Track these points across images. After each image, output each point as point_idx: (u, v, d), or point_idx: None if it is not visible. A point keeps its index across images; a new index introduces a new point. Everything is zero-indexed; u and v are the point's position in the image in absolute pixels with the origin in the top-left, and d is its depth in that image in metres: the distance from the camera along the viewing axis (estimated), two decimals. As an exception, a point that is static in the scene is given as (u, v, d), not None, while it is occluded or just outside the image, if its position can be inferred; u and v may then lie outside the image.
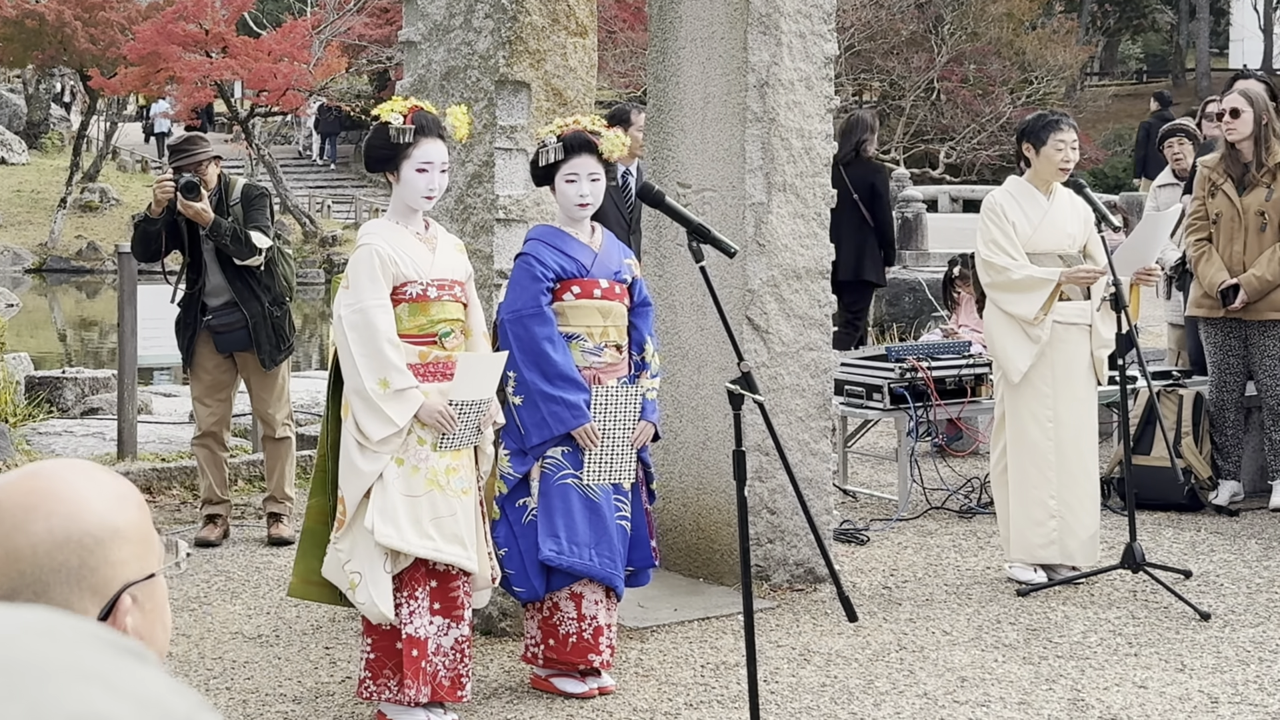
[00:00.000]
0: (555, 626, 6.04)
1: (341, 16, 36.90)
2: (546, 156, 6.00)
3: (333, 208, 40.95)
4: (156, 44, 32.77)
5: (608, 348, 6.07)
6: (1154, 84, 50.85)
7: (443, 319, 5.72)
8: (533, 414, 5.92)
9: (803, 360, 7.39)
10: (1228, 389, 8.99)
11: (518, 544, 5.97)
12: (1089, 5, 49.46)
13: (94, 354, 23.17)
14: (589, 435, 5.94)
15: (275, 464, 8.65)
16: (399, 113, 5.69)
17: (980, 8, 37.67)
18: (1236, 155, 8.75)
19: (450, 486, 5.61)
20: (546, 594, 6.00)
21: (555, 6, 6.81)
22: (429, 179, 5.67)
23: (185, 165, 8.24)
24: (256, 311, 8.32)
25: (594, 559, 5.95)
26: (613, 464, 6.03)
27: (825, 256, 7.50)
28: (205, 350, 8.41)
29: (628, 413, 6.05)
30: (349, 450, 5.58)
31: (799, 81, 7.39)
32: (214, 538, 8.44)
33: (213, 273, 8.34)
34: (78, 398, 12.10)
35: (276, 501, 8.63)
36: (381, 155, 5.72)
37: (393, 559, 5.56)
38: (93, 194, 38.58)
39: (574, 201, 6.01)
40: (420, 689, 5.57)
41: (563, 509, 5.96)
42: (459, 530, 5.61)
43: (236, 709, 5.92)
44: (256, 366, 8.43)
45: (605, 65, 31.91)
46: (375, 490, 5.53)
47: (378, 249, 5.62)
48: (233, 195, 8.39)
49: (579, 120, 6.10)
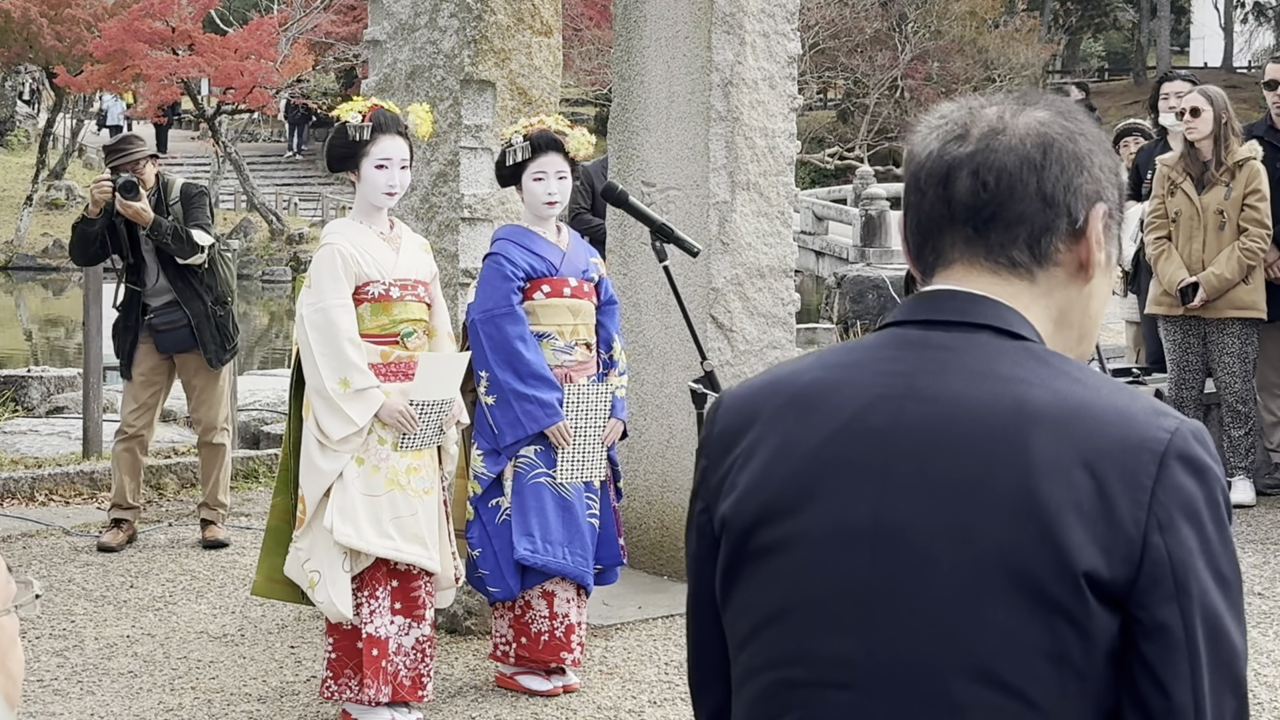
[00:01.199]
0: (528, 625, 6.06)
1: (308, 14, 36.82)
2: (514, 156, 6.01)
3: (299, 205, 40.86)
4: (123, 41, 32.64)
5: (578, 346, 6.10)
6: (1116, 82, 51.10)
7: (405, 319, 5.73)
8: (506, 413, 5.93)
9: (766, 359, 7.43)
10: (1187, 386, 9.07)
11: (492, 544, 5.98)
12: (1051, 4, 49.64)
13: (60, 352, 23.09)
14: (562, 434, 5.96)
15: (211, 470, 8.50)
16: (358, 112, 5.71)
17: (944, 6, 37.84)
18: (1196, 154, 8.82)
19: (411, 486, 5.63)
20: (521, 590, 6.03)
21: (520, 5, 6.83)
22: (388, 175, 5.68)
23: (122, 165, 8.14)
24: (200, 311, 8.21)
25: (568, 557, 5.98)
26: (585, 462, 6.06)
27: (789, 255, 7.55)
28: (145, 350, 8.28)
29: (599, 410, 6.08)
30: (309, 449, 5.59)
31: (763, 80, 7.43)
32: (116, 543, 8.23)
33: (154, 273, 8.23)
34: (43, 396, 12.09)
35: (210, 508, 8.47)
36: (341, 154, 5.74)
37: (353, 558, 5.58)
38: (59, 192, 38.44)
39: (542, 200, 6.03)
40: (380, 689, 5.58)
41: (536, 508, 5.98)
42: (420, 530, 5.62)
43: (201, 708, 5.93)
44: (199, 367, 8.30)
45: (570, 64, 31.92)
46: (335, 489, 5.54)
47: (340, 249, 5.64)
48: (172, 194, 8.27)
49: (544, 120, 6.12)
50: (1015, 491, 1.68)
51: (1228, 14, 51.45)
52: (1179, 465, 1.67)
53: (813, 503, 1.81)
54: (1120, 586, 1.66)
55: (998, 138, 1.83)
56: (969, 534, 1.69)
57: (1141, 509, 1.66)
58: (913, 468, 1.75)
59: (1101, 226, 1.83)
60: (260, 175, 42.27)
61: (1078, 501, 1.67)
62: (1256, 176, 8.71)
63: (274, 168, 46.80)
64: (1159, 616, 1.65)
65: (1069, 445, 1.68)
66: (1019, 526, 1.67)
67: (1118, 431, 1.69)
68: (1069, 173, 1.82)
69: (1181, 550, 1.66)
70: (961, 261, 1.85)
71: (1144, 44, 51.67)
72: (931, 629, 1.70)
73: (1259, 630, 6.66)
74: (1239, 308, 8.79)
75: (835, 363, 1.88)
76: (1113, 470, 1.67)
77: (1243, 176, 8.71)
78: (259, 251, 36.03)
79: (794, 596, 1.80)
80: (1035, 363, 1.77)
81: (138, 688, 6.17)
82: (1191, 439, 1.69)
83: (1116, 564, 1.65)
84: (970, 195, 1.83)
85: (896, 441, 1.77)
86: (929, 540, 1.72)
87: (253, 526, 8.70)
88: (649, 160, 7.64)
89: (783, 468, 1.84)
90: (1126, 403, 1.73)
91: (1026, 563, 1.66)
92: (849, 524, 1.77)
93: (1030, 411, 1.71)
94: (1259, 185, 8.70)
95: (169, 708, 5.95)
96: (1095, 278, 1.84)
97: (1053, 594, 1.65)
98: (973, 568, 1.69)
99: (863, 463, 1.78)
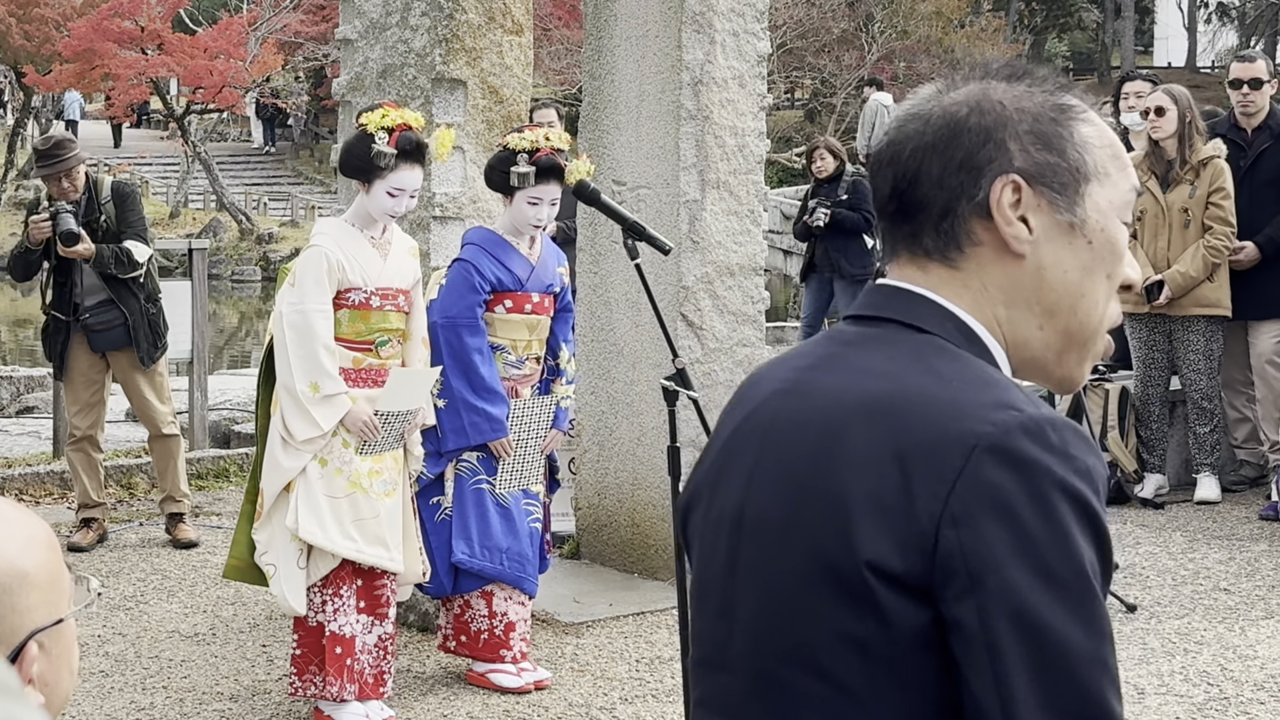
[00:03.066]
0: (467, 624, 6.14)
1: (278, 13, 36.74)
2: (518, 180, 5.95)
3: (269, 205, 40.74)
4: (92, 40, 32.53)
5: (529, 360, 6.18)
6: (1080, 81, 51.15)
7: (382, 328, 5.75)
8: (453, 420, 5.98)
9: (736, 356, 7.46)
10: (1153, 383, 9.13)
11: (429, 541, 6.04)
12: (1016, 4, 49.77)
13: (29, 352, 22.99)
14: (503, 448, 6.04)
15: (166, 462, 8.49)
16: (385, 129, 5.61)
17: (910, 6, 37.95)
18: (1160, 153, 8.88)
19: (373, 489, 5.67)
20: (456, 593, 6.08)
21: (491, 4, 6.85)
22: (397, 203, 5.67)
23: (52, 174, 8.11)
24: (135, 309, 8.22)
25: (505, 563, 6.05)
26: (524, 472, 6.17)
27: (759, 253, 7.58)
28: (78, 351, 8.28)
29: (541, 423, 6.21)
30: (273, 444, 5.63)
31: (732, 79, 7.47)
32: (87, 543, 8.28)
33: (86, 274, 8.21)
34: (13, 396, 12.06)
35: (174, 501, 8.46)
36: (358, 166, 5.68)
37: (318, 559, 5.61)
38: (28, 192, 38.24)
39: (530, 221, 6.03)
40: (345, 686, 5.61)
41: (477, 513, 6.05)
42: (381, 532, 5.67)
43: (173, 707, 5.94)
44: (133, 365, 8.30)
45: (541, 63, 31.91)
46: (300, 487, 5.58)
47: (327, 252, 5.63)
48: (102, 194, 8.26)
49: (549, 138, 6.00)
50: (828, 484, 1.70)
51: (1191, 14, 51.68)
52: (991, 459, 1.63)
53: (713, 493, 1.88)
54: (917, 579, 1.64)
55: (910, 124, 1.83)
56: (797, 526, 1.73)
57: (938, 502, 1.63)
58: (772, 460, 1.79)
59: (1009, 198, 1.77)
60: (229, 175, 42.13)
61: (880, 494, 1.66)
62: (1221, 175, 8.77)
63: (243, 167, 46.65)
64: (954, 612, 1.62)
65: (886, 438, 1.68)
66: (826, 518, 1.69)
67: (938, 425, 1.67)
68: (970, 148, 1.78)
69: (979, 545, 1.62)
70: (898, 255, 1.85)
71: (1108, 44, 51.86)
72: (770, 617, 1.75)
73: (1225, 626, 6.72)
74: (1204, 305, 8.86)
75: (783, 357, 1.93)
76: (922, 464, 1.66)
77: (1207, 175, 8.77)
78: (228, 251, 35.91)
79: (697, 582, 1.89)
80: (911, 357, 1.76)
81: (109, 687, 6.17)
82: (1020, 433, 1.64)
83: (911, 557, 1.63)
84: (887, 187, 1.84)
85: (769, 435, 1.81)
86: (772, 531, 1.76)
87: (223, 526, 8.70)
88: (619, 159, 7.66)
89: (704, 459, 1.93)
90: (969, 397, 1.69)
91: (831, 553, 1.68)
92: (726, 514, 1.84)
93: (863, 404, 1.72)
94: (1223, 183, 8.76)
95: (140, 707, 5.95)
96: (1030, 252, 1.78)
97: (853, 584, 1.66)
98: (800, 558, 1.72)
99: (744, 456, 1.84)
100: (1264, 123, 9.18)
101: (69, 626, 1.65)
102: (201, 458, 9.71)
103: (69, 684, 1.65)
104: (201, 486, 9.43)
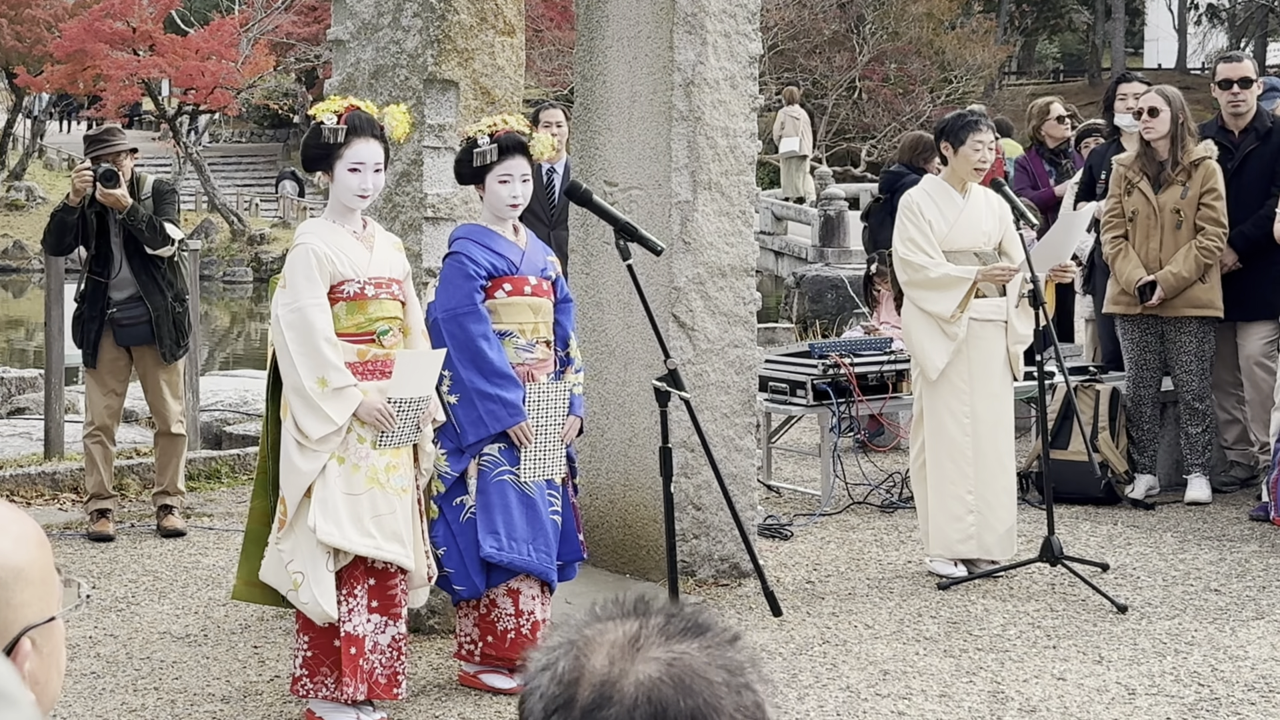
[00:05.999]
0: (494, 623, 6.08)
1: (269, 14, 36.75)
2: (482, 158, 6.01)
3: (260, 206, 40.74)
4: (83, 41, 32.53)
5: (539, 344, 6.13)
6: (1071, 83, 51.37)
7: (381, 317, 5.74)
8: (469, 412, 5.96)
9: (728, 357, 7.47)
10: (1144, 384, 9.14)
11: (456, 542, 6.01)
12: (1007, 5, 49.86)
13: (20, 354, 22.99)
14: (523, 434, 5.99)
15: (170, 459, 8.66)
16: (334, 112, 5.70)
17: (901, 7, 38.00)
18: (1152, 154, 8.89)
19: (390, 484, 5.65)
20: (487, 588, 6.05)
21: (483, 5, 6.85)
22: (361, 179, 5.68)
23: (103, 155, 8.38)
24: (160, 305, 8.43)
25: (532, 554, 6.01)
26: (546, 460, 6.09)
27: (750, 254, 7.58)
28: (105, 343, 8.50)
29: (559, 408, 6.12)
30: (288, 450, 5.59)
31: (724, 80, 7.47)
32: (111, 531, 8.50)
33: (119, 265, 8.45)
34: (4, 397, 12.05)
35: (169, 495, 8.66)
36: (315, 155, 5.75)
37: (335, 557, 5.59)
38: (19, 192, 38.23)
39: (506, 202, 6.05)
40: (358, 686, 5.59)
41: (501, 505, 6.00)
42: (398, 528, 5.64)
43: (165, 709, 5.93)
44: (155, 361, 8.50)
45: (533, 64, 31.92)
46: (317, 488, 5.53)
47: (314, 248, 5.64)
48: (143, 190, 8.52)
49: (507, 120, 6.12)
50: None
51: (1181, 16, 51.82)
52: None
53: None
54: None
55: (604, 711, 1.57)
56: None
57: None
58: None
59: None
60: (221, 176, 42.13)
61: None
62: (1212, 176, 8.79)
63: (235, 168, 46.65)
64: None
65: None
66: None
67: None
68: None
69: None
70: None
71: (1099, 45, 51.95)
72: None
73: (1216, 626, 6.73)
74: (1196, 306, 8.87)
75: None
76: None
77: (1199, 176, 8.79)
78: (220, 252, 35.92)
79: None
80: None
81: (100, 689, 6.16)
82: None
83: None
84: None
85: None
86: None
87: (215, 527, 8.71)
88: (611, 160, 7.67)
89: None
90: None
91: None
92: None
93: None
94: (1215, 184, 8.79)
95: (132, 708, 5.95)
96: None
97: None
98: None
99: None
100: (1250, 124, 9.21)
101: (59, 626, 1.66)
102: (193, 459, 9.70)
103: (58, 683, 1.67)
104: (193, 487, 9.42)
